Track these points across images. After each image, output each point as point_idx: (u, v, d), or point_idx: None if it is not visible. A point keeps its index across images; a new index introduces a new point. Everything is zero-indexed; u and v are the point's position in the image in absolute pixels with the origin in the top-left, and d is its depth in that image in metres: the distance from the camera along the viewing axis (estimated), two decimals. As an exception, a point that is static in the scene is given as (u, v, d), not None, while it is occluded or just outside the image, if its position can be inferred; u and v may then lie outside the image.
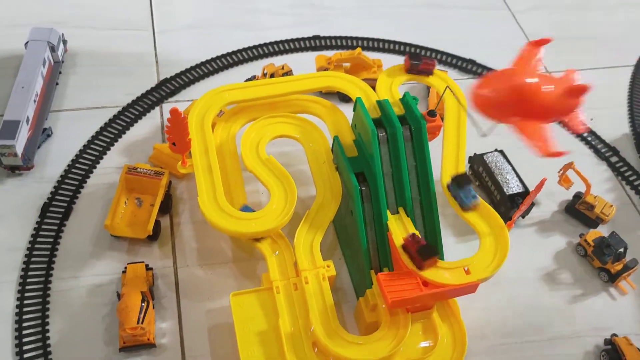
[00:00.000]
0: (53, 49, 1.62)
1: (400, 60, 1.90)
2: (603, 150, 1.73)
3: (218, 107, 1.38)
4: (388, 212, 1.30)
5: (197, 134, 1.32)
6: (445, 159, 1.37)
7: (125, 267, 1.30)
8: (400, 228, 1.28)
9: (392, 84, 1.44)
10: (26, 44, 1.60)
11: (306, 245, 1.27)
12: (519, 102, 1.13)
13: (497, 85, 1.14)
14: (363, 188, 1.29)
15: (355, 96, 1.39)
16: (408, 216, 1.30)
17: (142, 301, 1.21)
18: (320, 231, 1.29)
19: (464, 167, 1.37)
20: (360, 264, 1.32)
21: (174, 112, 1.16)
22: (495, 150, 1.58)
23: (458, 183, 1.29)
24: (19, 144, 1.40)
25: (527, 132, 1.12)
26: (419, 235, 1.24)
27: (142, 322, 1.18)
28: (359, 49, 1.69)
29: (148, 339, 1.20)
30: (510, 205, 1.48)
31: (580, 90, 1.15)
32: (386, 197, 1.30)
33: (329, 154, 1.40)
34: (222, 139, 1.41)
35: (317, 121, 1.45)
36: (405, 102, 1.37)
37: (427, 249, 1.20)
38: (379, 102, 1.37)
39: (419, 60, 1.46)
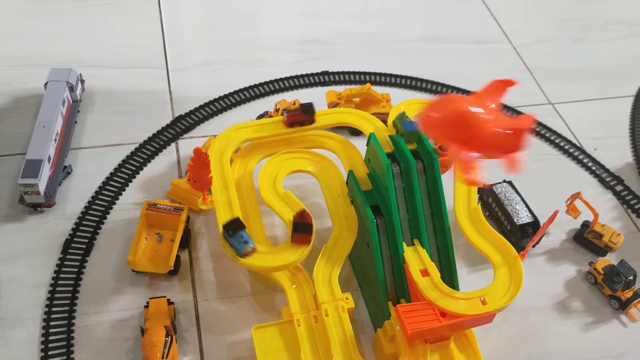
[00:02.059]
0: (72, 89, 1.67)
1: (407, 94, 1.97)
2: (608, 180, 1.78)
3: (235, 144, 1.43)
4: (404, 244, 1.33)
5: (217, 171, 1.36)
6: (457, 191, 1.41)
7: (148, 302, 1.32)
8: (416, 259, 1.31)
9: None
10: (46, 84, 1.64)
11: (325, 278, 1.30)
12: (458, 127, 1.13)
13: (443, 108, 1.16)
14: (379, 221, 1.32)
15: (368, 131, 1.43)
16: (423, 247, 1.34)
17: (166, 336, 1.23)
18: (338, 264, 1.33)
19: (475, 198, 1.41)
20: (377, 296, 1.35)
21: (197, 151, 1.20)
22: (504, 181, 1.62)
23: (229, 230, 1.25)
24: (42, 182, 1.44)
25: (459, 158, 1.13)
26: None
27: (166, 357, 1.21)
28: (368, 85, 1.74)
29: (172, 373, 1.22)
30: (521, 235, 1.51)
31: (520, 130, 1.12)
32: (401, 229, 1.33)
33: (343, 188, 1.44)
34: (240, 174, 1.45)
35: (330, 155, 1.49)
36: (417, 137, 1.41)
37: (301, 225, 1.25)
38: (391, 137, 1.41)
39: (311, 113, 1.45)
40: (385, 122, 1.69)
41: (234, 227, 1.25)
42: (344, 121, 1.50)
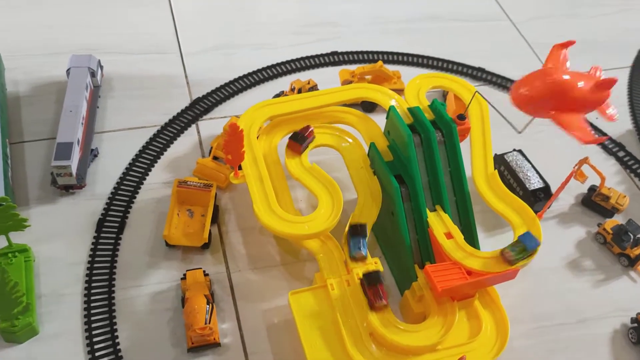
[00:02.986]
0: (93, 74, 1.71)
1: (414, 70, 2.03)
2: (610, 146, 1.86)
3: (261, 121, 1.48)
4: (427, 210, 1.40)
5: (246, 147, 1.41)
6: (475, 158, 1.48)
7: (185, 274, 1.38)
8: (439, 223, 1.38)
9: (420, 92, 1.55)
10: (68, 70, 1.68)
11: (354, 244, 1.37)
12: (556, 97, 1.25)
13: (535, 84, 1.26)
14: (403, 189, 1.39)
15: (387, 104, 1.49)
16: (445, 212, 1.41)
17: (207, 303, 1.29)
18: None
19: (492, 164, 1.48)
20: (402, 261, 1.42)
21: (233, 126, 1.25)
22: (514, 150, 1.70)
23: (352, 232, 1.36)
24: (73, 164, 1.48)
25: (566, 124, 1.24)
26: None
27: (209, 323, 1.27)
28: (380, 63, 1.80)
29: (214, 339, 1.28)
30: (534, 200, 1.59)
31: (608, 83, 1.28)
32: (424, 195, 1.40)
33: (365, 160, 1.50)
34: (265, 150, 1.50)
35: (350, 130, 1.55)
36: (434, 108, 1.48)
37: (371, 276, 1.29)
38: (410, 109, 1.48)
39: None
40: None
41: (358, 232, 1.36)
42: (362, 96, 1.56)
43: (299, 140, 1.46)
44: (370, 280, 1.28)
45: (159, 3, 2.11)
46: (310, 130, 1.47)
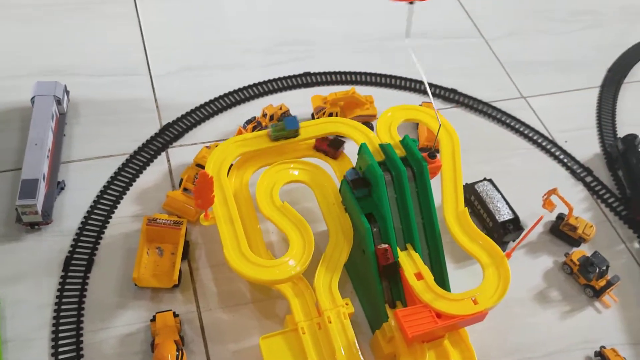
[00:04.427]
0: (59, 102, 1.66)
1: (388, 92, 2.03)
2: (578, 171, 1.89)
3: (231, 159, 1.46)
4: (397, 249, 1.40)
5: (216, 187, 1.40)
6: (445, 195, 1.48)
7: (154, 316, 1.37)
8: (410, 264, 1.39)
9: (391, 126, 1.55)
10: (32, 99, 1.64)
11: (325, 285, 1.37)
12: None
13: None
14: (374, 229, 1.39)
15: (359, 141, 1.49)
16: (416, 252, 1.42)
17: (177, 350, 1.28)
18: (337, 271, 1.39)
19: (462, 202, 1.49)
20: (374, 299, 1.42)
21: (203, 175, 1.24)
22: (485, 179, 1.71)
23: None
24: (39, 201, 1.45)
25: None
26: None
27: (179, 370, 1.26)
28: (353, 89, 1.79)
29: (185, 386, 1.28)
30: (503, 232, 1.61)
31: None
32: (395, 235, 1.41)
33: (337, 196, 1.49)
34: (236, 186, 1.49)
35: (322, 164, 1.55)
36: (405, 145, 1.48)
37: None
38: (381, 146, 1.47)
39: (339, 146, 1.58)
40: (368, 124, 1.76)
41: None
42: (334, 131, 1.55)
43: (336, 145, 1.55)
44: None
45: (128, 22, 2.06)
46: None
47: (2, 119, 1.71)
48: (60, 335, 1.36)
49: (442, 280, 1.42)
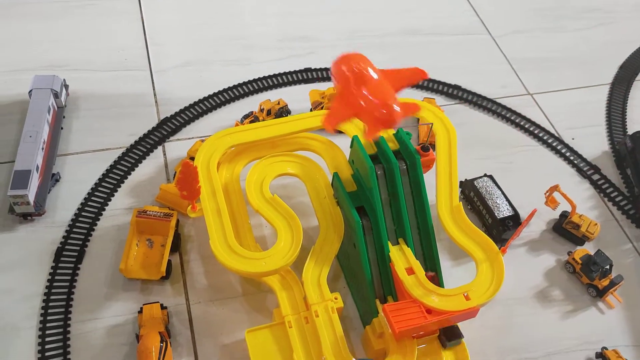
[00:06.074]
0: (56, 96, 1.67)
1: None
2: (585, 169, 1.83)
3: (222, 151, 1.45)
4: (389, 244, 1.37)
5: (205, 179, 1.39)
6: (440, 190, 1.45)
7: (141, 308, 1.36)
8: (401, 258, 1.36)
9: (388, 120, 1.52)
10: (30, 92, 1.65)
11: (314, 279, 1.34)
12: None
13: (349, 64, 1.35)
14: (364, 222, 1.36)
15: (351, 134, 1.46)
16: (408, 246, 1.38)
17: (161, 342, 1.27)
18: (326, 265, 1.36)
19: (457, 196, 1.45)
20: (364, 294, 1.39)
21: (186, 165, 1.23)
22: (485, 175, 1.67)
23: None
24: (31, 192, 1.45)
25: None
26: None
27: (162, 362, 1.25)
28: (351, 83, 1.76)
29: (167, 378, 1.26)
30: (502, 228, 1.56)
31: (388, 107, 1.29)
32: (386, 229, 1.38)
33: (329, 189, 1.47)
34: (227, 179, 1.47)
35: (315, 157, 1.52)
36: (399, 138, 1.45)
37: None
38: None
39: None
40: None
41: None
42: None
43: None
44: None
45: (130, 17, 2.07)
46: None
47: (2, 112, 1.73)
48: (48, 325, 1.35)
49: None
